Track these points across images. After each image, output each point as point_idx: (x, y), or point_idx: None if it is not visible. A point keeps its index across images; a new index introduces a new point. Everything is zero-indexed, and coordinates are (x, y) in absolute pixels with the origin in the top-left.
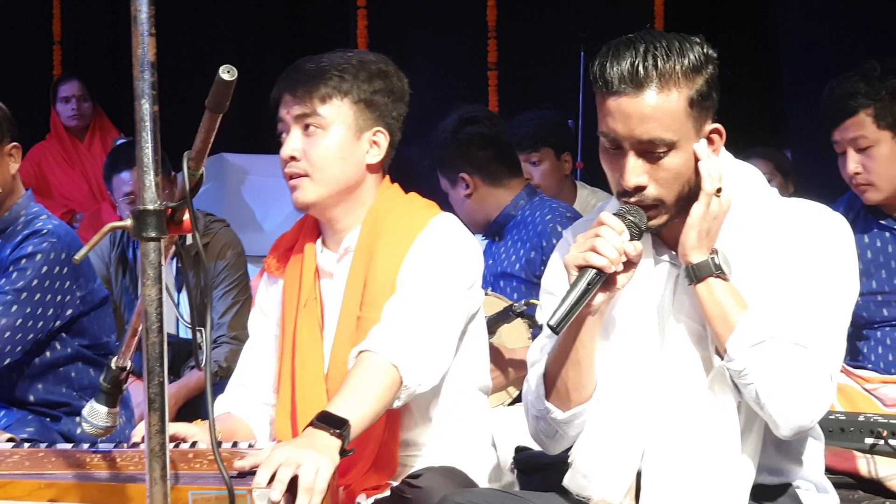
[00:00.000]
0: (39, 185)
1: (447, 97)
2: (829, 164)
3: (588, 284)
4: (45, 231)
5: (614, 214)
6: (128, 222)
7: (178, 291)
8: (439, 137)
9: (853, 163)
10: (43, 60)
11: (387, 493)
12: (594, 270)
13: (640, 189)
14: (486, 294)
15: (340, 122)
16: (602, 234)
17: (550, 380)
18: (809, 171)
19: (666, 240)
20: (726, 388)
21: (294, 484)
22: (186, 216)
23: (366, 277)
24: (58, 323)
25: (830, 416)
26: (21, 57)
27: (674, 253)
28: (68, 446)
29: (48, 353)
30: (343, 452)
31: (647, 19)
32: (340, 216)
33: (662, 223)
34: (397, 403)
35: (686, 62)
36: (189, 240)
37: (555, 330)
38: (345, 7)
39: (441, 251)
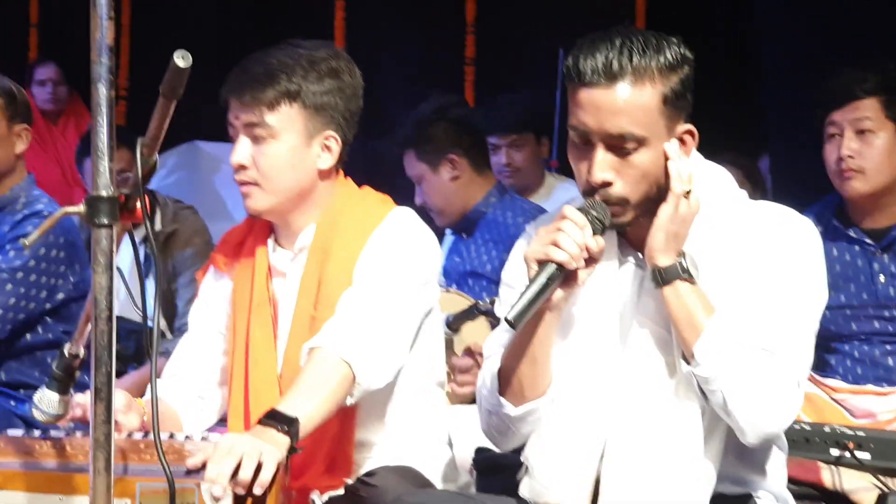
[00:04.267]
0: None
1: (423, 91)
2: (807, 170)
3: (548, 279)
4: (45, 213)
5: (577, 209)
6: (80, 208)
7: (146, 278)
8: (422, 119)
9: (851, 144)
10: (19, 43)
11: (341, 490)
12: (554, 265)
13: (606, 185)
14: (449, 291)
15: (290, 129)
16: (563, 229)
17: (505, 375)
18: (787, 175)
19: (632, 241)
20: (691, 393)
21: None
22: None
23: (321, 276)
24: (48, 305)
25: (795, 426)
26: None
27: (640, 255)
28: (19, 433)
29: (29, 336)
30: (292, 450)
31: (628, 18)
32: (295, 218)
33: (627, 222)
34: (350, 400)
35: (662, 59)
36: (158, 225)
37: (512, 325)
38: None
39: (397, 246)
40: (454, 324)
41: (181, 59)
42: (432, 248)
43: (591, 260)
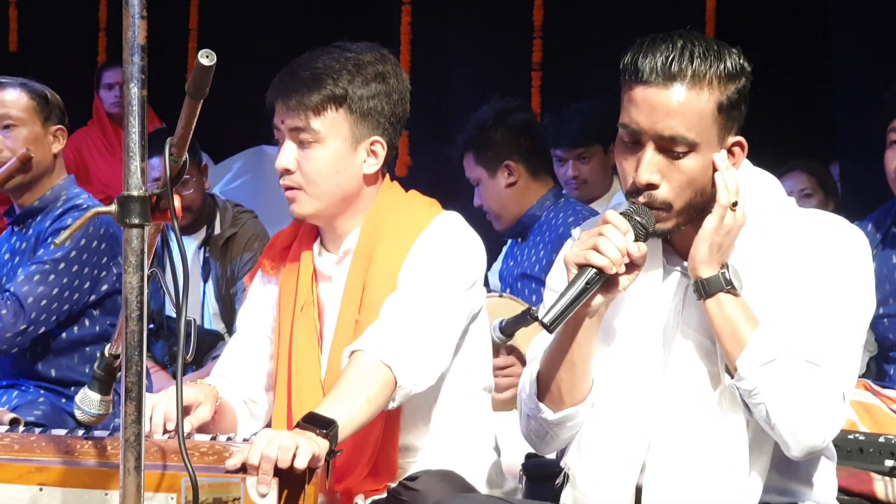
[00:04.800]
0: (79, 170)
1: (489, 95)
2: (877, 177)
3: (586, 284)
4: (84, 206)
5: (621, 213)
6: (112, 208)
7: (205, 281)
8: (482, 123)
9: None
10: (88, 46)
11: (384, 494)
12: (594, 270)
13: (651, 187)
14: (503, 296)
15: (335, 134)
16: (605, 233)
17: (544, 379)
18: (856, 182)
19: (678, 250)
20: (735, 405)
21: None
22: (178, 203)
23: (365, 280)
24: (93, 297)
25: (850, 437)
26: (66, 42)
27: (685, 264)
28: (62, 432)
29: (76, 329)
30: (331, 453)
31: (698, 25)
32: (340, 222)
33: (668, 229)
34: (392, 405)
35: (722, 67)
36: (218, 229)
37: (548, 328)
38: (389, 2)
39: (442, 250)
40: (507, 329)
41: (205, 59)
42: (478, 253)
43: (632, 265)
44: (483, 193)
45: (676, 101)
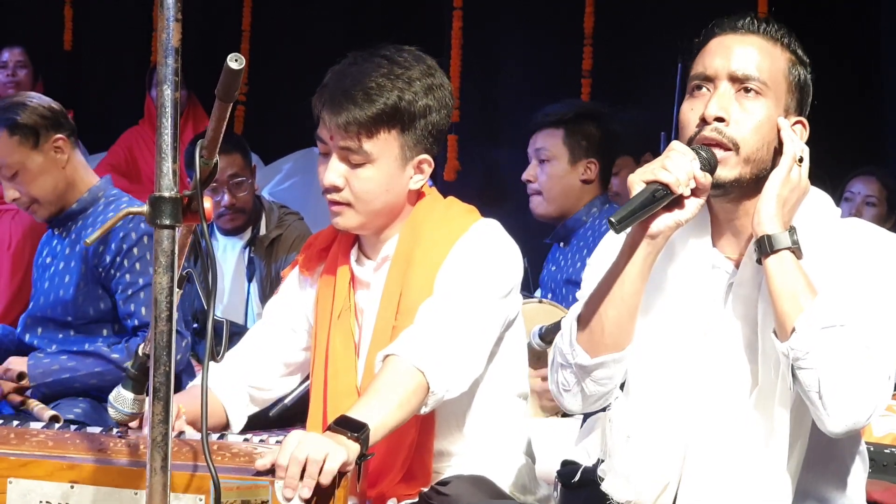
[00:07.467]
0: (129, 169)
1: (539, 102)
2: None
3: (653, 194)
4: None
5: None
6: (144, 208)
7: (249, 281)
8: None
9: None
10: (141, 46)
11: (416, 499)
12: (661, 185)
13: (719, 120)
14: (542, 302)
15: (387, 155)
16: (671, 157)
17: (586, 319)
18: None
19: (722, 248)
20: (774, 399)
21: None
22: (208, 205)
23: (402, 286)
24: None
25: (886, 451)
26: (120, 42)
27: (730, 262)
28: (97, 430)
29: None
30: (362, 457)
31: None
32: (381, 231)
33: (731, 179)
34: (424, 410)
35: (794, 45)
36: (263, 230)
37: (615, 226)
38: (440, 7)
39: (479, 256)
40: (546, 336)
41: (234, 62)
42: (515, 261)
43: (698, 191)
44: (549, 171)
45: (753, 47)
